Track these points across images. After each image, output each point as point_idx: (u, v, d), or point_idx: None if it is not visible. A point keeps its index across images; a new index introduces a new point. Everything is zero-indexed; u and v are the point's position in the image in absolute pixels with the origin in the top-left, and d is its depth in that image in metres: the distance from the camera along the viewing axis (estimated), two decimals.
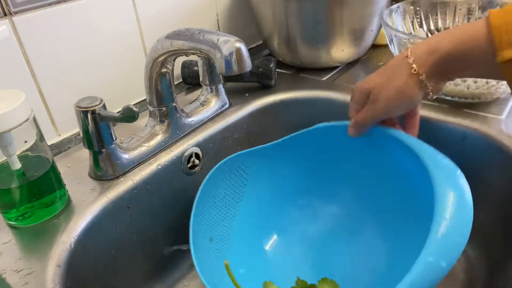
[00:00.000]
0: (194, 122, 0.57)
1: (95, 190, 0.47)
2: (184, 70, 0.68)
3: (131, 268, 0.51)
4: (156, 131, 0.53)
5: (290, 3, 0.65)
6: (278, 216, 0.57)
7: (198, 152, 0.56)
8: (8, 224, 0.43)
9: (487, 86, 0.53)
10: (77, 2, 0.54)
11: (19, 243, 0.41)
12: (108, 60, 0.60)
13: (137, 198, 0.49)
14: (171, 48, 0.45)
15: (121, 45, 0.61)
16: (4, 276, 0.38)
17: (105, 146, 0.47)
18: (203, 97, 0.60)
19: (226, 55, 0.40)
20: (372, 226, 0.52)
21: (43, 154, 0.43)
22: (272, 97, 0.65)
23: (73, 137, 0.59)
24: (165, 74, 0.50)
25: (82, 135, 0.46)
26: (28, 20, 0.50)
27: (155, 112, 0.53)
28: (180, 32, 0.45)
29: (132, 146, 0.51)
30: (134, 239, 0.50)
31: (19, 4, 0.49)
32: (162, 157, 0.52)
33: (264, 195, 0.56)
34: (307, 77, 0.71)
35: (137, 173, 0.50)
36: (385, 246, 0.50)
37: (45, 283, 0.37)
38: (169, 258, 0.56)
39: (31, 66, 0.52)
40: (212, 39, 0.41)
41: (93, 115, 0.44)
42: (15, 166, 0.41)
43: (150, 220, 0.52)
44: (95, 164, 0.48)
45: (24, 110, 0.39)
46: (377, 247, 0.51)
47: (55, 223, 0.43)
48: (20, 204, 0.42)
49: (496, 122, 0.53)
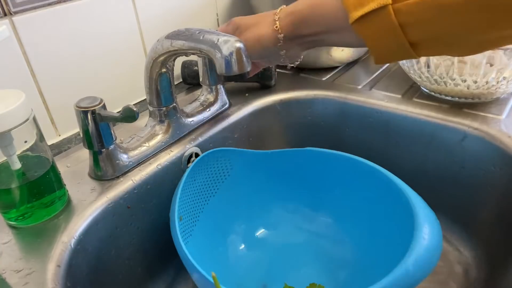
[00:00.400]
0: (194, 122, 0.57)
1: (95, 190, 0.47)
2: (184, 70, 0.68)
3: (131, 268, 0.51)
4: (156, 131, 0.53)
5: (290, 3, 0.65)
6: (247, 217, 0.57)
7: (198, 152, 0.56)
8: (8, 224, 0.43)
9: (487, 86, 0.53)
10: (77, 2, 0.54)
11: (19, 243, 0.41)
12: (108, 60, 0.60)
13: (137, 198, 0.49)
14: (171, 48, 0.45)
15: (121, 45, 0.61)
16: (4, 276, 0.38)
17: (105, 146, 0.47)
18: (203, 97, 0.60)
19: (226, 55, 0.40)
20: (347, 244, 0.54)
21: (43, 154, 0.43)
22: (272, 97, 0.65)
23: (73, 137, 0.59)
24: (165, 74, 0.50)
25: (82, 135, 0.46)
26: (28, 20, 0.50)
27: (155, 112, 0.53)
28: (180, 32, 0.45)
29: (132, 146, 0.51)
30: (134, 239, 0.50)
31: (19, 4, 0.49)
32: (162, 157, 0.52)
33: (238, 196, 0.56)
34: (307, 77, 0.71)
35: (137, 173, 0.50)
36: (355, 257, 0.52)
37: (45, 283, 0.37)
38: (169, 258, 0.56)
39: (31, 66, 0.52)
40: (212, 39, 0.41)
41: (93, 115, 0.44)
42: (15, 166, 0.41)
43: (150, 220, 0.52)
44: (95, 164, 0.48)
45: (24, 110, 0.39)
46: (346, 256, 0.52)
47: (55, 223, 0.43)
48: (20, 204, 0.42)
49: (496, 122, 0.53)
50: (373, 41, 0.36)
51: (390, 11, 0.33)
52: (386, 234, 0.47)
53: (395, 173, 0.47)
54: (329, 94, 0.64)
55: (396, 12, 0.33)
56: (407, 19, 0.33)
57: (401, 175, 0.47)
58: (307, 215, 0.57)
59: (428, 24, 0.33)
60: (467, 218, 0.58)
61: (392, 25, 0.33)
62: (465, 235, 0.58)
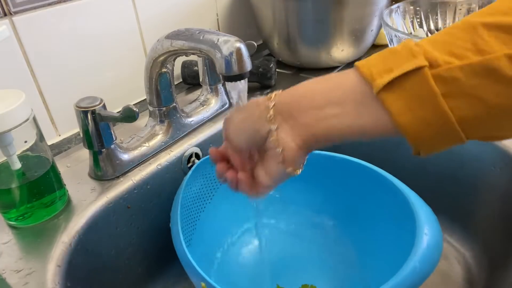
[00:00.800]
0: (194, 122, 0.57)
1: (95, 190, 0.47)
2: (184, 70, 0.68)
3: (131, 268, 0.51)
4: (156, 131, 0.53)
5: (290, 3, 0.65)
6: (247, 218, 0.57)
7: (198, 152, 0.56)
8: (8, 224, 0.43)
9: None
10: (77, 2, 0.54)
11: (19, 243, 0.41)
12: (108, 60, 0.60)
13: (137, 198, 0.49)
14: (171, 48, 0.45)
15: (121, 45, 0.61)
16: (4, 276, 0.38)
17: (105, 146, 0.47)
18: (203, 97, 0.60)
19: (226, 55, 0.40)
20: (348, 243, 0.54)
21: (43, 154, 0.43)
22: None
23: (73, 137, 0.59)
24: (165, 74, 0.50)
25: (82, 135, 0.46)
26: (28, 20, 0.50)
27: (155, 112, 0.53)
28: (180, 32, 0.45)
29: (132, 146, 0.51)
30: (134, 239, 0.50)
31: (19, 4, 0.49)
32: (162, 157, 0.52)
33: (238, 197, 0.56)
34: (307, 77, 0.71)
35: (137, 173, 0.50)
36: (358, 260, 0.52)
37: (45, 283, 0.37)
38: (169, 258, 0.56)
39: (31, 66, 0.52)
40: (212, 39, 0.41)
41: (93, 115, 0.44)
42: (15, 166, 0.41)
43: (150, 220, 0.52)
44: (95, 164, 0.48)
45: (24, 110, 0.39)
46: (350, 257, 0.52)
47: (55, 223, 0.43)
48: (20, 204, 0.42)
49: None
50: (406, 119, 0.26)
51: (427, 75, 0.25)
52: (387, 236, 0.47)
53: (395, 173, 0.47)
54: None
55: (435, 78, 0.25)
56: (450, 87, 0.24)
57: (401, 175, 0.47)
58: (308, 217, 0.57)
59: (477, 93, 0.24)
60: (467, 218, 0.58)
61: (431, 93, 0.25)
62: (465, 235, 0.58)
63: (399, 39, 0.58)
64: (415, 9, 0.71)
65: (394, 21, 0.67)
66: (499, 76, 0.23)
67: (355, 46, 0.70)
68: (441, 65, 0.25)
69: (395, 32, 0.58)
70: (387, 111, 0.26)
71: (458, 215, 0.58)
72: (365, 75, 0.27)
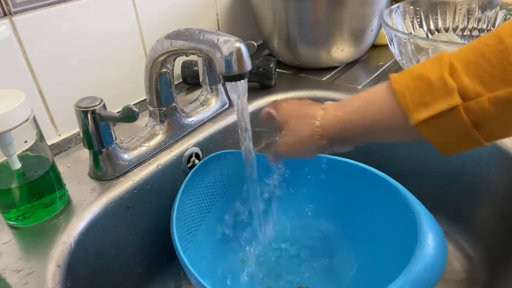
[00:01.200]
0: (194, 122, 0.57)
1: (95, 190, 0.47)
2: (184, 70, 0.68)
3: (131, 268, 0.51)
4: (156, 131, 0.53)
5: (290, 3, 0.65)
6: (247, 220, 0.56)
7: (198, 152, 0.56)
8: (8, 224, 0.43)
9: None
10: (77, 2, 0.54)
11: (19, 243, 0.41)
12: (108, 60, 0.60)
13: (137, 198, 0.49)
14: (171, 48, 0.45)
15: (121, 45, 0.61)
16: (4, 276, 0.38)
17: (105, 146, 0.47)
18: (203, 97, 0.60)
19: (226, 55, 0.40)
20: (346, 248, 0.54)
21: (43, 154, 0.43)
22: (272, 97, 0.65)
23: (73, 137, 0.58)
24: (165, 74, 0.50)
25: (82, 135, 0.46)
26: (28, 20, 0.50)
27: (155, 112, 0.53)
28: (180, 32, 0.45)
29: (132, 146, 0.51)
30: (134, 239, 0.50)
31: (19, 4, 0.49)
32: (162, 157, 0.52)
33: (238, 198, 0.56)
34: (307, 77, 0.71)
35: (137, 173, 0.50)
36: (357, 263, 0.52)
37: (45, 283, 0.37)
38: (169, 258, 0.56)
39: (31, 66, 0.52)
40: (212, 39, 0.41)
41: (93, 115, 0.44)
42: (15, 166, 0.41)
43: (150, 220, 0.52)
44: (95, 164, 0.48)
45: (24, 110, 0.39)
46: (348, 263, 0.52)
47: (55, 223, 0.43)
48: (20, 204, 0.42)
49: None
50: (441, 141, 0.33)
51: (460, 113, 0.30)
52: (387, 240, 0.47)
53: (396, 174, 0.47)
54: (329, 94, 0.64)
55: (467, 112, 0.30)
56: (481, 118, 0.30)
57: (401, 175, 0.47)
58: (309, 221, 0.57)
59: (504, 118, 0.30)
60: (467, 218, 0.58)
61: (464, 125, 0.30)
62: (465, 235, 0.58)
63: (399, 39, 0.58)
64: (415, 9, 0.71)
65: (394, 21, 0.67)
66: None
67: (355, 46, 0.70)
68: (472, 98, 0.29)
69: (395, 32, 0.58)
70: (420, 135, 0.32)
71: (458, 215, 0.58)
72: (401, 105, 0.32)
